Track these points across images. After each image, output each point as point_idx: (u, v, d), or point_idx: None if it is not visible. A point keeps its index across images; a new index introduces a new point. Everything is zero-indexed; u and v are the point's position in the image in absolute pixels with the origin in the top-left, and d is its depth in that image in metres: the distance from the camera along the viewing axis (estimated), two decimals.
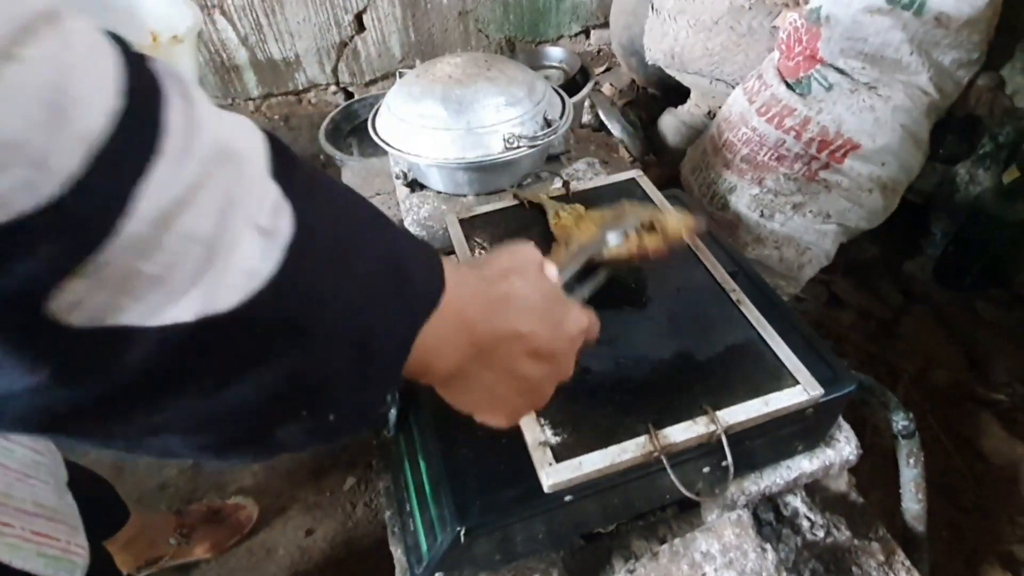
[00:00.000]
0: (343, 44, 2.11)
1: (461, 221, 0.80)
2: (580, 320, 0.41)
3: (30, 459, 0.63)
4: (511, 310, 0.35)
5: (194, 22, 0.53)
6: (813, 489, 0.77)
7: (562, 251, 0.60)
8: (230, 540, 1.14)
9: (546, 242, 0.75)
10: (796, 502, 0.74)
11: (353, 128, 1.88)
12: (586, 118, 1.90)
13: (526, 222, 0.80)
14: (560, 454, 0.53)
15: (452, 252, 0.78)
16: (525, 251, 0.40)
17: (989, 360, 1.27)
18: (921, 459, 0.81)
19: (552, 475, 0.52)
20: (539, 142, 1.00)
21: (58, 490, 0.66)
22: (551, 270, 0.42)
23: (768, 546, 0.67)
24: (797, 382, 0.58)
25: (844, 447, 0.72)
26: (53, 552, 0.60)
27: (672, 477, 0.54)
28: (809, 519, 0.74)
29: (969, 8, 1.10)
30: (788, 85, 1.28)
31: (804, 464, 0.71)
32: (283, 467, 1.27)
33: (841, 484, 0.79)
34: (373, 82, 2.24)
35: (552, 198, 0.82)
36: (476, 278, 0.35)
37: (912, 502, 0.83)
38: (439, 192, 1.12)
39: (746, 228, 1.31)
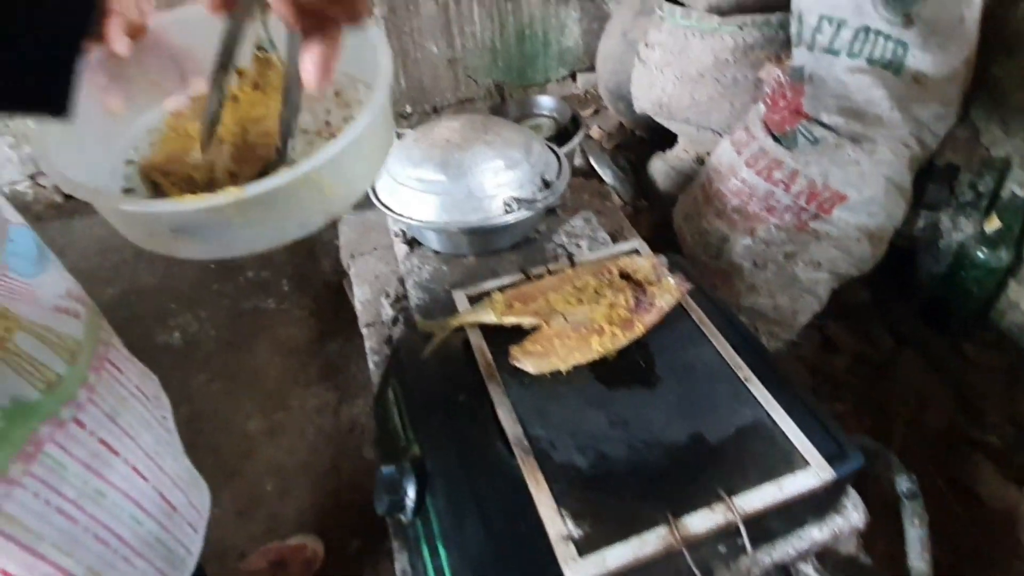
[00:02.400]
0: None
1: (469, 297, 0.81)
2: None
3: (154, 536, 0.62)
4: None
5: None
6: (823, 554, 0.78)
7: None
8: None
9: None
10: (808, 569, 0.75)
11: None
12: (577, 161, 1.94)
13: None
14: (584, 548, 0.54)
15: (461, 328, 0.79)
16: None
17: (980, 402, 1.30)
18: (926, 519, 0.82)
19: (577, 571, 0.53)
20: (538, 205, 1.03)
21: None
22: None
23: None
24: (808, 464, 0.60)
25: (852, 513, 0.74)
26: None
27: (691, 564, 0.55)
28: None
29: (946, 68, 1.15)
30: (775, 138, 1.32)
31: (815, 533, 0.72)
32: (285, 529, 1.26)
33: (850, 547, 0.80)
34: None
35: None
36: None
37: (918, 560, 0.84)
38: (437, 252, 1.13)
39: (740, 277, 1.34)
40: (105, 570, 0.56)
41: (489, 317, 0.74)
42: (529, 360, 0.69)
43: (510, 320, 0.73)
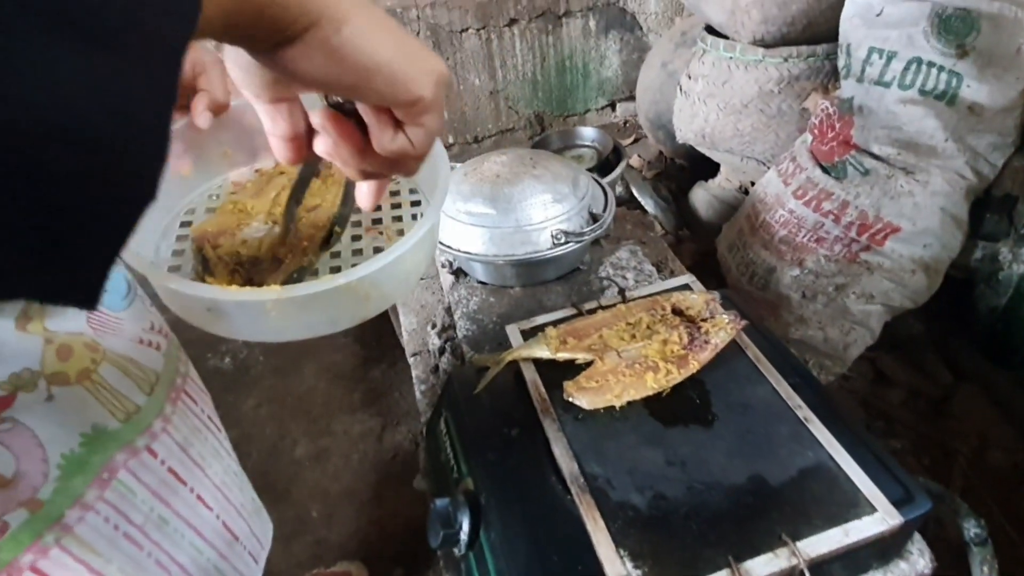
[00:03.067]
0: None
1: (522, 332, 0.82)
2: None
3: (213, 564, 0.64)
4: None
5: None
6: None
7: None
8: None
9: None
10: None
11: None
12: (618, 191, 1.95)
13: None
14: None
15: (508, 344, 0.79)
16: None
17: None
18: (996, 567, 0.79)
19: None
20: (586, 238, 1.04)
21: None
22: None
23: None
24: (875, 509, 0.58)
25: (918, 560, 0.71)
26: None
27: None
28: None
29: (1003, 98, 1.13)
30: (823, 168, 1.31)
31: None
32: (330, 555, 1.27)
33: None
34: None
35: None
36: None
37: None
38: (483, 282, 1.15)
39: (788, 308, 1.32)
40: None
41: (543, 352, 0.74)
42: (583, 396, 0.69)
43: (564, 356, 0.74)
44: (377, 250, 0.41)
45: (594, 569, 0.56)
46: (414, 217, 0.57)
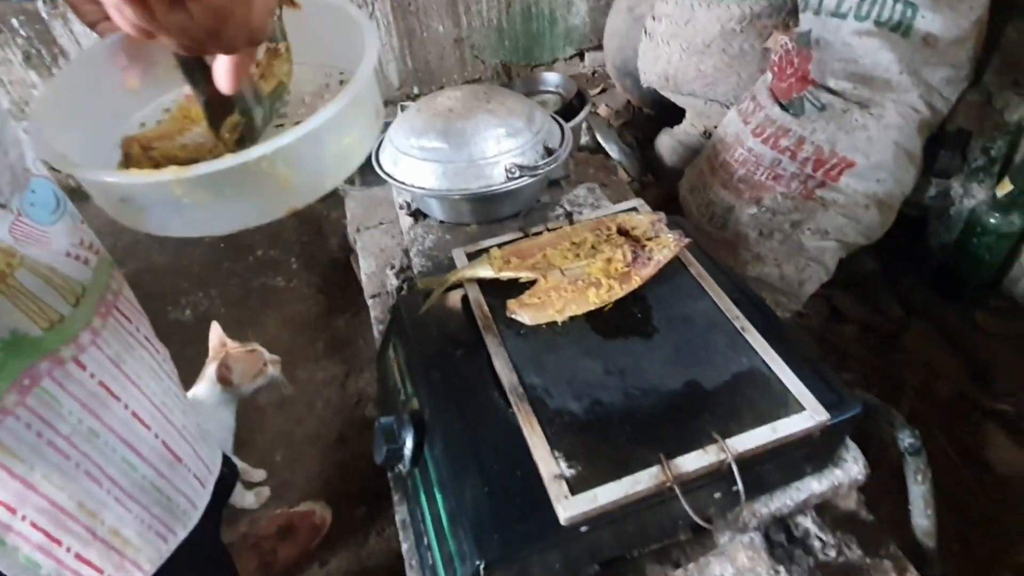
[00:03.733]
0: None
1: (468, 255, 0.82)
2: None
3: (150, 483, 0.64)
4: None
5: None
6: (823, 509, 0.78)
7: None
8: (311, 545, 1.17)
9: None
10: (807, 523, 0.75)
11: None
12: (584, 140, 1.93)
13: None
14: (575, 487, 0.54)
15: (460, 285, 0.79)
16: None
17: (992, 371, 1.28)
18: (929, 475, 0.81)
19: (568, 508, 0.53)
20: (540, 172, 1.02)
21: None
22: None
23: (781, 568, 0.68)
24: (803, 408, 0.60)
25: (852, 467, 0.73)
26: None
27: (685, 505, 0.55)
28: (820, 539, 0.75)
29: (956, 29, 1.13)
30: (782, 106, 1.31)
31: (813, 485, 0.72)
32: (294, 496, 1.28)
33: (851, 503, 0.80)
34: None
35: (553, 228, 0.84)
36: None
37: (922, 518, 0.84)
38: (442, 222, 1.14)
39: (745, 247, 1.33)
40: (98, 508, 0.58)
41: (487, 272, 0.74)
42: (525, 312, 0.69)
43: (507, 274, 0.74)
44: None
45: (530, 471, 0.57)
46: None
